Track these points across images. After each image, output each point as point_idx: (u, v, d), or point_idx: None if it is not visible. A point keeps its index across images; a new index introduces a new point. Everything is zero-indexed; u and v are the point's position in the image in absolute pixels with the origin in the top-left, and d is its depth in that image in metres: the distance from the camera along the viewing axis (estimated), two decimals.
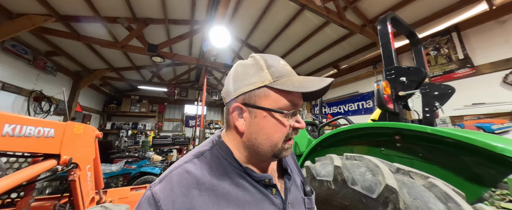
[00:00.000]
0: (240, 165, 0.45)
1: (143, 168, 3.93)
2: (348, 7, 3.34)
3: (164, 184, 0.39)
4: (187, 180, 0.39)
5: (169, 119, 9.04)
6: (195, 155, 0.45)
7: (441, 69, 3.14)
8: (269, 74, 0.43)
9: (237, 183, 0.43)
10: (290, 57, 5.67)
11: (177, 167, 0.42)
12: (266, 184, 0.46)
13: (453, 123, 2.95)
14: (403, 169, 0.83)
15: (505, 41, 2.59)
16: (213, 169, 0.43)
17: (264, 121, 0.44)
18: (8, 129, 0.85)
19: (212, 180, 0.41)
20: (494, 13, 2.67)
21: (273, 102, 0.43)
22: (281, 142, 0.44)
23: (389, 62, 1.40)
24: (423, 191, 0.71)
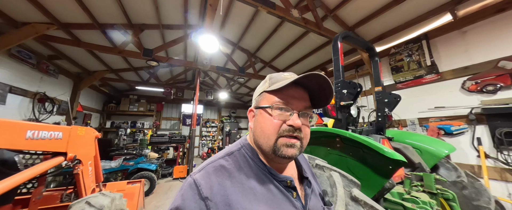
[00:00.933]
0: (264, 165, 0.51)
1: (140, 165, 4.25)
2: (328, 16, 3.59)
3: (203, 173, 0.46)
4: (221, 172, 0.46)
5: (167, 117, 9.34)
6: (227, 154, 0.52)
7: (412, 74, 3.42)
8: (268, 83, 0.54)
9: (262, 181, 0.48)
10: (280, 59, 5.93)
11: (212, 162, 0.49)
12: (288, 186, 0.50)
13: (420, 125, 3.25)
14: (320, 164, 1.12)
15: (465, 50, 2.86)
16: (242, 166, 0.49)
17: (260, 117, 0.52)
18: (30, 134, 1.15)
19: (240, 175, 0.47)
20: (457, 23, 2.93)
21: (267, 102, 0.51)
22: (274, 136, 0.48)
23: (337, 75, 1.67)
24: (324, 180, 1.01)
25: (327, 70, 5.68)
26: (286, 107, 0.49)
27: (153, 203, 3.83)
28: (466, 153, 2.71)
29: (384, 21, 3.52)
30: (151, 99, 8.58)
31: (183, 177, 5.61)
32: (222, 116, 11.18)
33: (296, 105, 0.50)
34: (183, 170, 5.73)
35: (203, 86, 8.96)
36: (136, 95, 8.12)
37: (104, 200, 1.46)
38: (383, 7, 3.23)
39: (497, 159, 2.39)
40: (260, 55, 6.12)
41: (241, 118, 11.81)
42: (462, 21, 2.89)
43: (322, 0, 3.43)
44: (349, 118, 1.61)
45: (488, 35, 2.65)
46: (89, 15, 3.54)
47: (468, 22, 2.83)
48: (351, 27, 3.83)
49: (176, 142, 6.61)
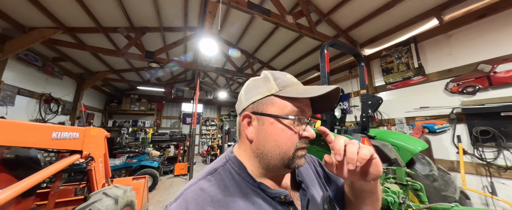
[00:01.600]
0: (254, 180, 0.44)
1: (142, 162, 4.44)
2: (322, 20, 3.75)
3: (179, 202, 0.39)
4: (202, 197, 0.39)
5: (167, 116, 9.52)
6: (209, 172, 0.45)
7: (401, 76, 3.60)
8: (275, 84, 0.45)
9: (251, 200, 0.42)
10: (278, 60, 6.09)
11: (192, 185, 0.42)
12: (282, 201, 0.44)
13: (407, 123, 3.45)
14: None
15: (449, 53, 3.04)
16: (227, 185, 0.42)
17: (271, 128, 0.43)
18: (55, 135, 1.32)
19: (225, 197, 0.40)
20: (443, 27, 3.10)
21: (279, 109, 0.44)
22: (292, 150, 0.43)
23: (323, 81, 1.85)
24: None
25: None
26: (303, 118, 0.44)
27: (156, 198, 4.04)
28: (448, 149, 2.91)
29: (375, 24, 3.68)
30: (152, 98, 8.74)
31: (184, 174, 5.82)
32: (222, 115, 11.37)
33: (308, 113, 0.46)
34: (183, 167, 5.94)
35: (203, 86, 9.12)
36: (137, 95, 8.28)
37: (118, 191, 1.64)
38: (375, 12, 3.40)
39: (474, 155, 2.59)
40: (258, 56, 6.27)
41: None
42: (447, 26, 3.06)
43: (316, 5, 3.59)
44: (334, 119, 1.80)
45: (470, 39, 2.83)
46: (93, 19, 3.69)
47: (453, 27, 3.00)
48: (344, 30, 4.00)
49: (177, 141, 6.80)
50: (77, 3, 3.21)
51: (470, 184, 2.57)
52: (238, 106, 0.51)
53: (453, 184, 1.57)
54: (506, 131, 2.35)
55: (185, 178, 5.55)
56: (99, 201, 1.43)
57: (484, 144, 2.50)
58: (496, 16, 2.60)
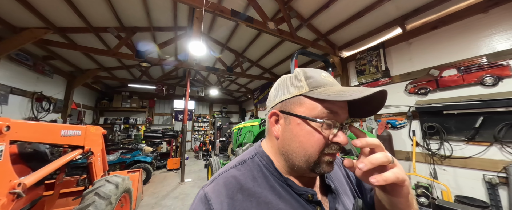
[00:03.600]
0: (281, 175, 0.45)
1: (136, 157, 4.69)
2: (303, 25, 4.08)
3: (214, 185, 0.43)
4: (232, 184, 0.42)
5: (159, 113, 9.65)
6: (239, 163, 0.47)
7: (371, 77, 4.04)
8: (306, 84, 0.44)
9: (278, 193, 0.42)
10: (266, 59, 6.38)
11: (223, 172, 0.45)
12: (309, 200, 0.44)
13: (375, 119, 3.92)
14: None
15: (409, 58, 3.49)
16: (255, 176, 0.44)
17: (297, 129, 0.43)
18: (63, 132, 1.59)
19: (254, 187, 0.42)
20: (405, 36, 3.53)
21: (307, 110, 0.42)
22: (317, 154, 0.41)
23: None
24: None
25: None
26: (334, 121, 0.41)
27: (151, 190, 4.34)
28: (405, 142, 3.41)
29: (351, 30, 4.07)
30: (143, 95, 8.83)
31: (177, 169, 6.12)
32: (214, 112, 11.62)
33: (343, 117, 0.43)
34: (176, 162, 6.22)
35: (194, 83, 9.29)
36: (128, 92, 8.35)
37: (117, 179, 1.94)
38: (349, 19, 3.76)
39: (423, 146, 3.10)
40: (248, 55, 6.51)
41: (232, 113, 12.29)
42: (409, 34, 3.49)
43: (297, 10, 3.90)
44: None
45: (425, 47, 3.28)
46: (83, 19, 3.80)
47: (413, 36, 3.44)
48: (323, 34, 4.36)
49: (169, 137, 7.04)
50: (66, 4, 3.33)
51: (419, 171, 3.09)
52: (268, 103, 0.51)
53: None
54: (447, 126, 2.85)
55: (177, 172, 5.85)
56: (103, 186, 1.72)
57: (431, 137, 3.01)
58: (445, 28, 3.05)
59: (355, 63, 4.45)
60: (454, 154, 2.82)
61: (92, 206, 1.46)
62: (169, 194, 4.12)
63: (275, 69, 6.95)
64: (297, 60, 2.24)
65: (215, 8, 2.85)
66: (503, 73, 2.45)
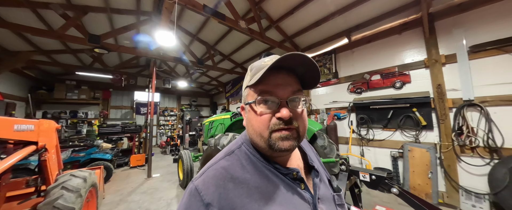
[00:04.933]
0: (268, 160, 0.48)
1: (92, 155, 4.23)
2: (272, 26, 4.41)
3: (204, 177, 0.44)
4: (223, 175, 0.44)
5: (116, 106, 8.62)
6: (227, 153, 0.50)
7: (326, 77, 4.81)
8: (249, 76, 0.50)
9: (267, 177, 0.46)
10: (239, 54, 6.47)
11: (213, 164, 0.48)
12: (294, 178, 0.48)
13: (326, 112, 4.74)
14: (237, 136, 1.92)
15: (352, 64, 4.35)
16: (244, 165, 0.47)
17: (250, 115, 0.49)
18: (16, 127, 1.44)
19: (244, 174, 0.45)
20: (350, 45, 4.34)
21: (251, 97, 0.47)
22: (266, 132, 0.44)
23: None
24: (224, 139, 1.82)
25: None
26: (271, 98, 0.44)
27: (113, 188, 4.05)
28: (346, 130, 4.34)
29: (311, 35, 4.67)
30: (96, 85, 7.67)
31: (142, 165, 5.77)
32: (182, 105, 11.08)
33: (281, 93, 0.45)
34: (140, 158, 5.85)
35: (160, 74, 8.60)
36: (74, 81, 7.09)
37: (84, 173, 1.85)
38: (310, 26, 4.32)
39: (357, 133, 4.07)
40: (220, 48, 6.46)
41: (202, 107, 11.97)
42: (353, 44, 4.31)
43: (267, 12, 4.17)
44: None
45: (362, 56, 4.15)
46: None
47: (355, 46, 4.27)
48: (289, 36, 4.81)
49: (131, 132, 6.45)
50: None
51: (353, 151, 4.09)
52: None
53: (334, 150, 2.59)
54: (372, 117, 3.83)
55: (143, 169, 5.54)
56: (69, 181, 1.64)
57: (361, 126, 3.99)
58: (375, 43, 3.95)
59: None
60: (375, 138, 3.84)
61: (61, 199, 1.41)
62: (136, 190, 3.96)
63: (247, 64, 7.16)
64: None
65: (187, 2, 2.82)
66: (406, 80, 3.47)
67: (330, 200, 0.52)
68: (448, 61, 3.03)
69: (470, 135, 2.76)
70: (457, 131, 2.88)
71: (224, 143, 1.92)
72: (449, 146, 2.94)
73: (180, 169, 4.30)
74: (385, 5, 3.44)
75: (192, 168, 3.85)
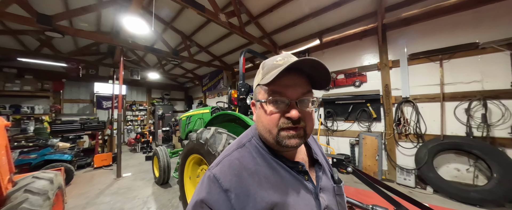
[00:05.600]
0: (275, 153, 0.52)
1: (47, 156, 3.68)
2: (251, 22, 4.46)
3: (220, 167, 0.49)
4: (236, 165, 0.48)
5: (72, 99, 7.48)
6: (239, 146, 0.54)
7: None
8: (261, 74, 0.53)
9: (274, 169, 0.50)
10: (217, 47, 6.32)
11: (227, 155, 0.52)
12: (299, 170, 0.52)
13: None
14: (219, 130, 1.98)
15: None
16: (254, 156, 0.51)
17: (259, 112, 0.52)
18: None
19: (255, 166, 0.49)
20: (321, 46, 4.79)
21: (261, 96, 0.51)
22: (275, 129, 0.47)
23: (240, 78, 2.51)
24: (218, 137, 1.88)
25: (255, 62, 6.77)
26: (281, 99, 0.47)
27: (75, 191, 3.63)
28: (315, 122, 4.84)
29: (288, 34, 4.94)
30: (44, 75, 6.45)
31: (107, 165, 5.26)
32: (153, 98, 10.27)
33: (291, 94, 0.47)
34: (106, 158, 5.32)
35: (128, 64, 7.75)
36: (15, 68, 5.82)
37: (49, 174, 1.66)
38: (287, 25, 4.57)
39: (324, 124, 4.65)
40: (196, 39, 6.19)
41: (176, 100, 11.32)
42: (324, 45, 4.76)
43: (247, 7, 4.19)
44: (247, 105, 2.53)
45: (331, 56, 4.65)
46: None
47: (325, 47, 4.74)
48: (268, 33, 4.96)
49: (92, 129, 5.72)
50: None
51: (321, 141, 4.66)
52: None
53: None
54: (336, 111, 4.43)
55: (110, 169, 5.07)
56: (33, 183, 1.45)
57: (328, 119, 4.57)
58: (341, 46, 4.46)
59: None
60: (338, 129, 4.46)
61: (26, 203, 1.26)
62: (105, 191, 3.66)
63: (226, 58, 7.04)
64: (244, 58, 2.58)
65: None
66: (363, 80, 4.13)
67: (330, 191, 0.56)
68: (394, 66, 3.72)
69: (405, 125, 3.53)
70: (396, 122, 3.63)
71: (207, 137, 1.93)
72: (391, 134, 3.69)
73: (156, 166, 4.12)
74: (351, 13, 3.89)
75: (169, 165, 3.74)
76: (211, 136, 1.91)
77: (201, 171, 2.33)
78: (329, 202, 0.53)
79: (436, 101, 3.27)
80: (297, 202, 0.47)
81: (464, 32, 3.08)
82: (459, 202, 2.80)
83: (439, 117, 3.23)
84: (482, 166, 2.89)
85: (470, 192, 2.77)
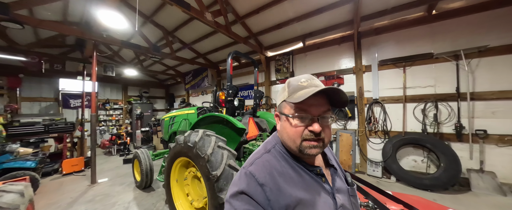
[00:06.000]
0: (297, 159, 0.60)
1: (6, 164, 3.26)
2: (238, 21, 4.48)
3: (255, 166, 0.57)
4: (267, 165, 0.57)
5: (32, 98, 6.61)
6: (266, 151, 0.63)
7: (283, 75, 5.46)
8: (287, 92, 0.61)
9: (297, 171, 0.58)
10: (201, 44, 6.15)
11: (258, 158, 0.61)
12: (317, 173, 0.61)
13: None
14: (208, 133, 2.01)
15: (304, 66, 5.14)
16: (279, 160, 0.60)
17: (285, 124, 0.60)
18: None
19: (281, 168, 0.58)
20: (304, 49, 5.06)
21: (287, 110, 0.60)
22: (299, 140, 0.56)
23: (228, 81, 2.54)
24: (207, 140, 1.90)
25: (240, 61, 6.79)
26: (306, 115, 0.55)
27: (43, 202, 3.30)
28: None
29: (273, 36, 5.10)
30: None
31: (79, 171, 4.83)
32: (130, 96, 9.59)
33: (314, 112, 0.55)
34: (78, 163, 4.88)
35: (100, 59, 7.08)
36: None
37: (18, 187, 1.52)
38: (273, 27, 4.70)
39: None
40: (180, 35, 5.93)
41: (156, 99, 10.73)
42: (307, 48, 5.04)
43: (233, 7, 4.19)
44: (234, 107, 2.62)
45: (313, 59, 4.96)
46: None
47: (307, 50, 5.03)
48: (254, 34, 5.04)
49: (59, 131, 5.15)
50: None
51: None
52: None
53: None
54: None
55: (82, 175, 4.68)
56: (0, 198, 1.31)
57: None
58: (322, 50, 4.78)
59: (275, 63, 5.66)
60: None
61: None
62: (79, 200, 3.39)
63: (210, 56, 6.92)
64: (231, 60, 2.59)
65: None
66: (341, 82, 4.52)
67: (345, 192, 0.65)
68: (367, 70, 4.18)
69: (375, 123, 4.03)
70: (367, 121, 4.10)
71: (195, 140, 1.91)
72: (363, 131, 4.17)
73: (137, 170, 3.95)
74: (332, 19, 4.20)
75: (152, 168, 3.61)
76: (199, 139, 1.92)
77: (189, 173, 2.33)
78: (344, 201, 0.62)
79: (400, 102, 3.78)
80: (318, 200, 0.55)
81: (422, 43, 3.59)
82: (415, 189, 3.31)
83: (401, 116, 3.75)
84: (433, 157, 3.46)
85: (423, 179, 3.29)
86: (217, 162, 1.76)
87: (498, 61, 3.01)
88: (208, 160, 1.78)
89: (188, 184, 2.33)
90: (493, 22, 3.04)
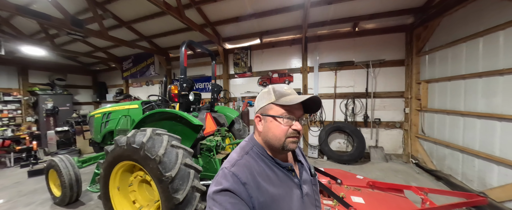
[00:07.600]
0: (272, 158, 0.68)
1: None
2: (193, 6, 4.09)
3: (237, 167, 0.61)
4: (248, 166, 0.63)
5: None
6: (245, 152, 0.68)
7: (242, 70, 5.62)
8: (274, 95, 0.67)
9: (272, 170, 0.66)
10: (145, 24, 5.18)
11: (239, 159, 0.65)
12: (289, 169, 0.70)
13: (242, 101, 5.61)
14: (158, 132, 1.85)
15: (261, 62, 5.49)
16: (257, 160, 0.66)
17: (270, 124, 0.66)
18: None
19: (259, 168, 0.64)
20: (261, 46, 5.38)
21: (274, 112, 0.65)
22: (284, 138, 0.64)
23: (181, 73, 2.29)
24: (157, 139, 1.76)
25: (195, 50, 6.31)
26: (291, 116, 0.64)
27: None
28: None
29: (232, 28, 5.04)
30: None
31: None
32: (33, 84, 6.99)
33: (297, 114, 0.66)
34: None
35: None
36: None
37: None
38: (231, 19, 4.64)
39: None
40: (114, 10, 4.76)
41: (78, 88, 8.33)
42: (263, 45, 5.37)
43: None
44: (189, 102, 2.41)
45: (268, 56, 5.37)
46: None
47: (265, 47, 5.37)
48: (212, 23, 4.82)
49: None
50: None
51: None
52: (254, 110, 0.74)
53: (247, 132, 3.35)
54: None
55: None
56: None
57: None
58: (276, 48, 5.25)
59: (233, 56, 5.69)
60: None
61: None
62: None
63: (158, 40, 6.02)
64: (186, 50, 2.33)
65: None
66: (291, 79, 5.13)
67: (309, 182, 0.77)
68: (310, 71, 4.95)
69: (314, 115, 4.91)
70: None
71: (143, 140, 1.72)
72: (305, 122, 4.99)
73: (54, 183, 3.03)
74: (286, 22, 4.62)
75: (78, 177, 2.79)
76: (148, 140, 1.73)
77: (135, 178, 2.07)
78: (308, 190, 0.74)
79: (332, 99, 4.81)
80: (289, 192, 0.66)
81: (348, 52, 4.66)
82: (339, 164, 4.38)
83: (332, 109, 4.79)
84: (350, 140, 4.64)
85: (343, 156, 4.43)
86: (171, 163, 1.66)
87: (389, 71, 4.43)
88: (160, 161, 1.64)
89: (135, 190, 2.11)
90: (388, 43, 4.40)
